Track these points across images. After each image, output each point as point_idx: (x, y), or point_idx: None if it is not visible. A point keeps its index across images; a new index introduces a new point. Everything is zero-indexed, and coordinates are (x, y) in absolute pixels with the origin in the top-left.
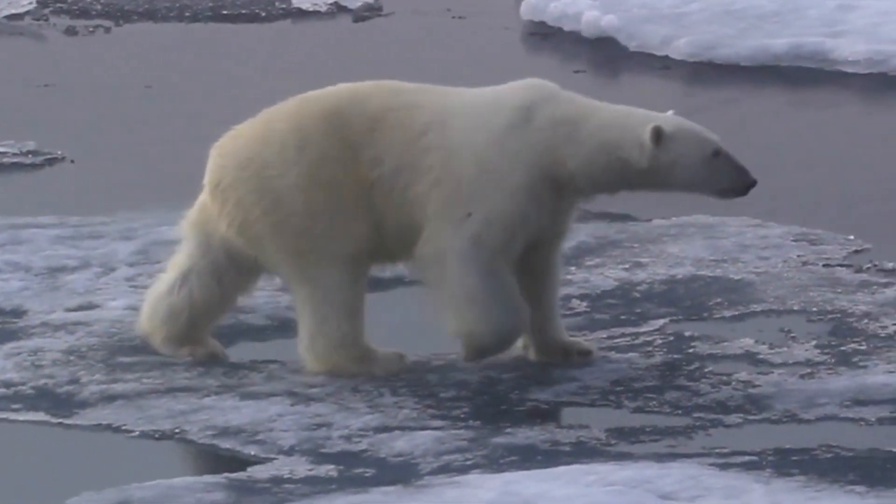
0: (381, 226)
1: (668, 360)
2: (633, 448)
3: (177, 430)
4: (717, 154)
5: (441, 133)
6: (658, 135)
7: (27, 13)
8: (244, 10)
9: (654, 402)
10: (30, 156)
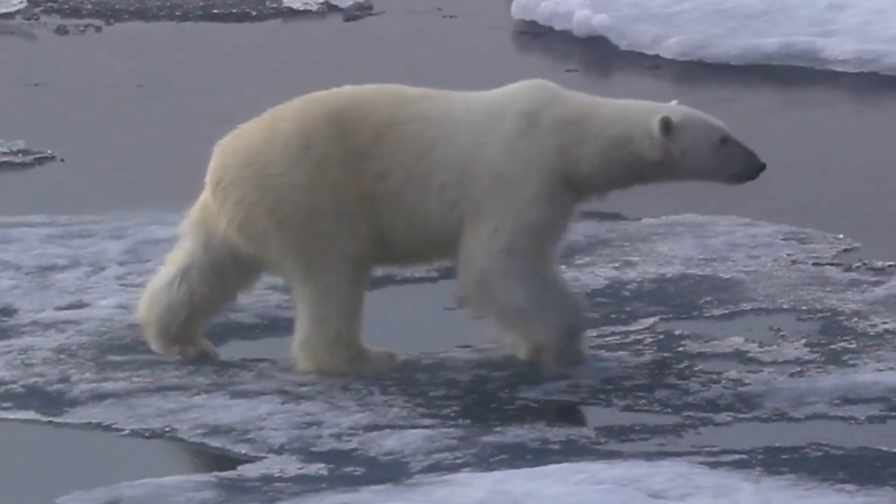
0: (387, 234)
1: (658, 359)
2: (623, 446)
3: (167, 429)
4: (725, 140)
5: (449, 148)
6: (667, 125)
7: (18, 12)
8: (235, 10)
9: (644, 401)
10: (20, 155)
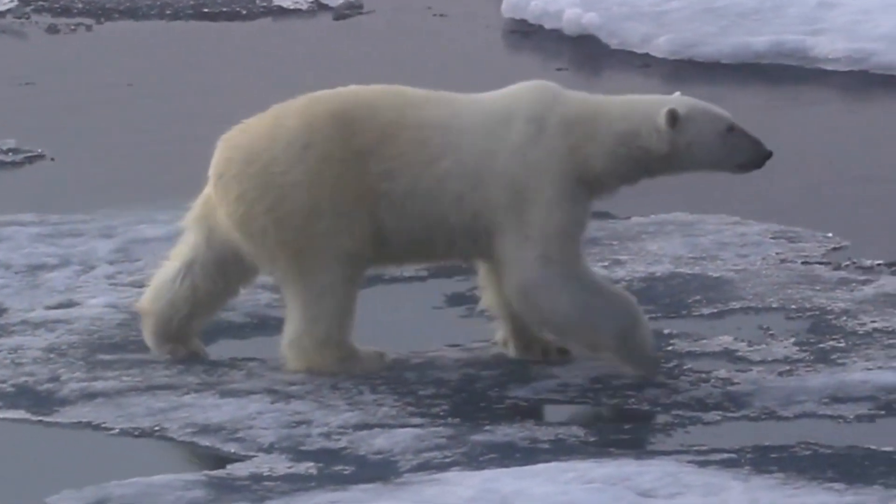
0: (388, 234)
1: None
2: (612, 445)
3: (157, 428)
4: (731, 129)
5: (458, 158)
6: (673, 117)
7: (8, 11)
8: (225, 8)
9: (633, 400)
10: (10, 153)
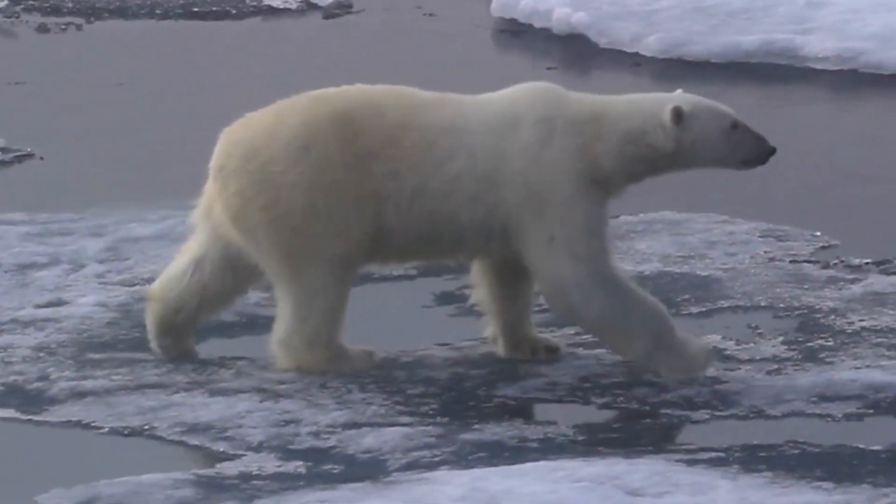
0: (391, 233)
1: None
2: (601, 444)
3: (146, 427)
4: (735, 126)
5: (469, 161)
6: (678, 114)
7: None
8: (215, 8)
9: (622, 399)
10: None
